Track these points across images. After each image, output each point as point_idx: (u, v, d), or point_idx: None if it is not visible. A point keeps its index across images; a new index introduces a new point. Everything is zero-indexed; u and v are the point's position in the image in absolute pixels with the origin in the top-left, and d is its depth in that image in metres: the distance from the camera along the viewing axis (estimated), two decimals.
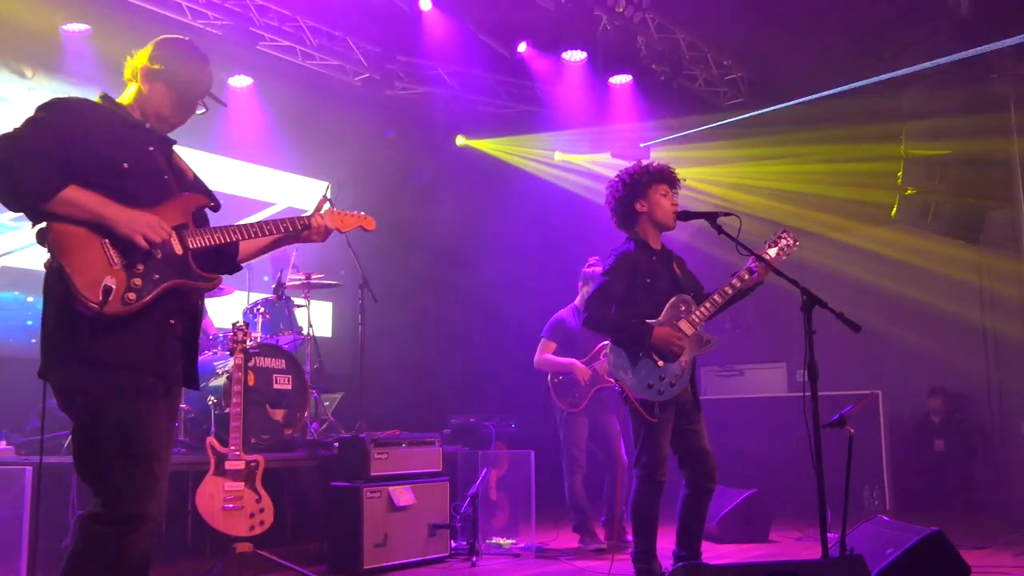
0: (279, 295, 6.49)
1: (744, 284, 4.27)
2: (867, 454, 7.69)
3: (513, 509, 6.36)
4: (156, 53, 3.00)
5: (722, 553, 5.74)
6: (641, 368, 4.19)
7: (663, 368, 4.17)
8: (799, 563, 3.04)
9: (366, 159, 9.62)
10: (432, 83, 9.56)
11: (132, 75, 3.00)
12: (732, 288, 4.27)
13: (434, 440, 5.88)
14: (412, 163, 9.87)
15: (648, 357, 4.17)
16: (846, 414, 3.67)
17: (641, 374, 4.18)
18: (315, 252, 8.38)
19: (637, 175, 4.42)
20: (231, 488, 4.68)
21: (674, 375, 4.19)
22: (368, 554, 5.19)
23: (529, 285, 8.88)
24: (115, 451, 2.60)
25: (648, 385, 4.16)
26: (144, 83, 2.96)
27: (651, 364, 4.18)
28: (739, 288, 4.27)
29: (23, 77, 7.37)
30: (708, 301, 4.29)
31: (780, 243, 4.36)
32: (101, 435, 2.60)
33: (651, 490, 4.18)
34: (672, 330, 4.20)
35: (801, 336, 3.55)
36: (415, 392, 8.93)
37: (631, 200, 4.41)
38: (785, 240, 4.37)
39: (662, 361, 4.17)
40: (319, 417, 6.74)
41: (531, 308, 7.41)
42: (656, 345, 4.15)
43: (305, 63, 8.78)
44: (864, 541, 4.20)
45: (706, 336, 4.30)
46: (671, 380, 4.18)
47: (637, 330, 4.19)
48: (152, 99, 2.97)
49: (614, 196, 4.46)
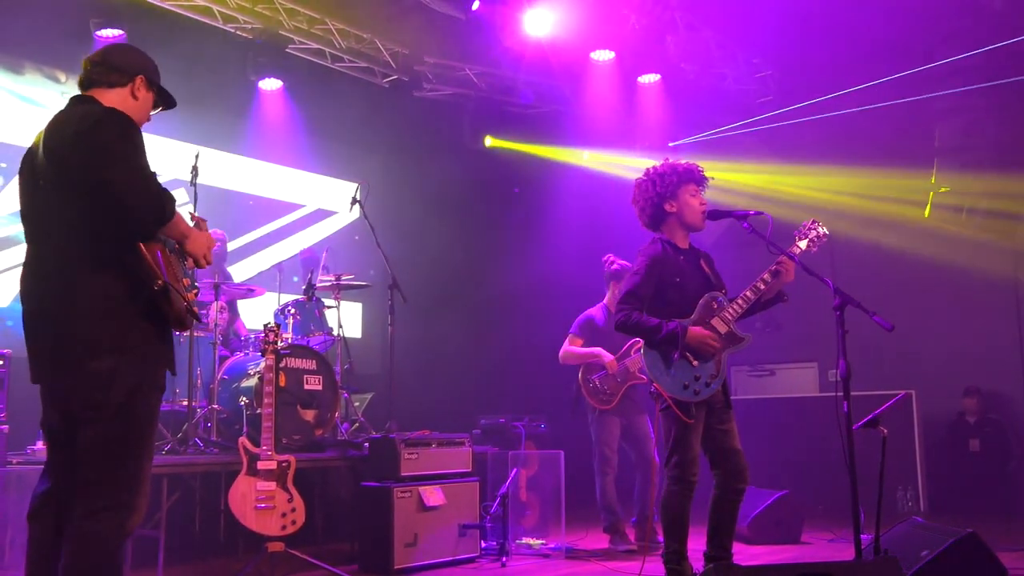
0: (309, 296, 6.53)
1: (775, 281, 4.22)
2: (901, 455, 7.62)
3: (543, 509, 6.35)
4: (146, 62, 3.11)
5: (753, 554, 5.70)
6: (676, 369, 4.15)
7: (698, 368, 4.14)
8: (833, 564, 3.01)
9: (395, 161, 9.66)
10: (460, 84, 9.59)
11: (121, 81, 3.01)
12: (764, 283, 4.21)
13: (464, 440, 5.89)
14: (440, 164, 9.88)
15: (683, 357, 4.15)
16: (879, 414, 3.63)
17: (676, 375, 4.15)
18: (345, 254, 8.46)
19: (667, 175, 4.37)
20: (263, 488, 4.71)
21: (709, 375, 4.16)
22: (399, 554, 5.21)
23: (558, 284, 8.87)
24: (143, 444, 2.75)
25: (684, 386, 4.13)
26: (142, 90, 3.05)
27: (686, 364, 4.14)
28: (769, 283, 4.22)
29: (56, 82, 7.48)
30: (740, 298, 4.24)
31: (810, 234, 4.30)
32: (131, 429, 2.72)
33: (682, 490, 4.15)
34: (706, 329, 4.17)
35: (833, 336, 3.52)
36: (445, 392, 8.95)
37: (660, 200, 4.37)
38: (815, 231, 4.31)
39: (697, 361, 4.14)
40: (349, 417, 6.77)
41: (561, 307, 7.40)
42: (691, 344, 4.12)
43: (334, 65, 8.84)
44: (898, 543, 4.16)
45: (740, 333, 4.26)
46: (707, 380, 4.15)
47: (671, 330, 4.16)
48: (145, 105, 3.09)
49: (643, 195, 4.42)
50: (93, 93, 2.95)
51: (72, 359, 2.71)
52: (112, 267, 2.76)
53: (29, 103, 7.27)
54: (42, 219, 2.84)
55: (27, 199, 2.91)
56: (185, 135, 7.84)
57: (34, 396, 2.90)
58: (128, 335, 2.74)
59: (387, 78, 9.23)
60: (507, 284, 9.76)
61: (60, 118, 2.86)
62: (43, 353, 2.79)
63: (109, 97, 2.94)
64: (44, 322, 2.79)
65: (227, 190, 8.48)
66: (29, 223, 2.90)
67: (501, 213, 9.96)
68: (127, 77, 3.00)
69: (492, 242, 9.96)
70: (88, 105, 2.88)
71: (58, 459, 2.84)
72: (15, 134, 7.15)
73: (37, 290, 2.82)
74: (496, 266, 9.87)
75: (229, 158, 8.53)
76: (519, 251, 9.79)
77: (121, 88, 2.99)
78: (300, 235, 9.07)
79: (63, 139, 2.78)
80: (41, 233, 2.85)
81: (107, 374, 2.69)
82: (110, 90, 2.96)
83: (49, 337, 2.77)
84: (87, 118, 2.79)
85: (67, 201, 2.78)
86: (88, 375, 2.69)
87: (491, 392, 9.10)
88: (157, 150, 7.78)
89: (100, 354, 2.70)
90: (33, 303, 2.83)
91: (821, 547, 6.15)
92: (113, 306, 2.74)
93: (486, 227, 9.92)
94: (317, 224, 9.31)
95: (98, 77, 2.96)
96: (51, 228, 2.81)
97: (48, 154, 2.79)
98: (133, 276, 2.76)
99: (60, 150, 2.77)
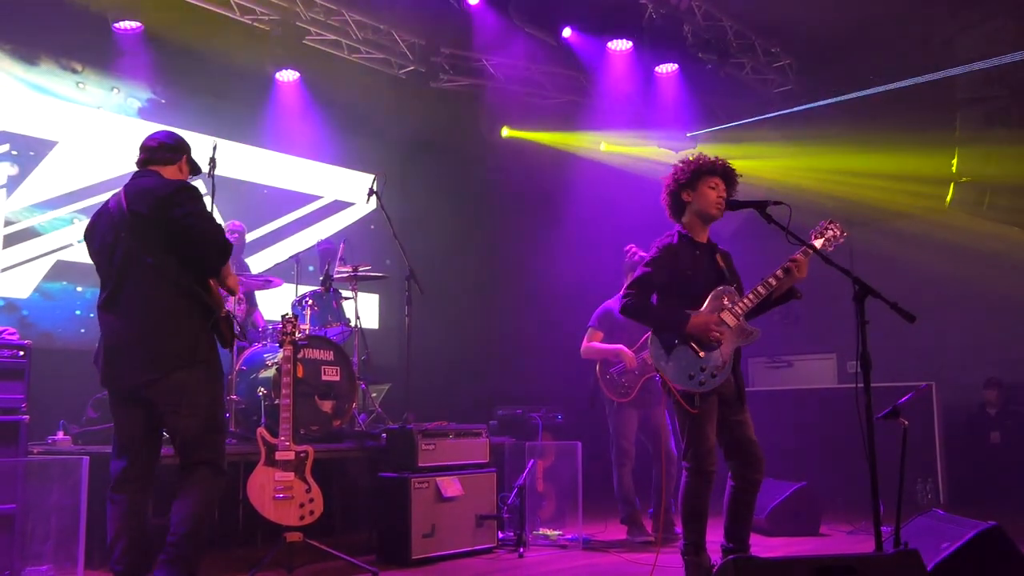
0: (327, 287, 6.54)
1: (787, 278, 4.19)
2: (920, 447, 7.55)
3: (560, 500, 6.35)
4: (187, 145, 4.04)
5: (772, 546, 5.67)
6: (680, 358, 4.16)
7: (704, 358, 4.13)
8: (853, 557, 2.98)
9: (412, 152, 9.65)
10: (477, 75, 9.56)
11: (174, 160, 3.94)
12: (776, 279, 4.20)
13: (481, 431, 5.89)
14: (457, 155, 9.88)
15: (686, 346, 4.14)
16: (900, 405, 3.60)
17: (681, 364, 4.16)
18: (361, 245, 8.47)
19: (691, 165, 4.39)
20: (281, 478, 4.73)
21: (715, 366, 4.15)
22: (416, 544, 5.22)
23: (576, 275, 8.84)
24: (222, 426, 3.83)
25: (689, 376, 4.13)
26: (185, 166, 3.98)
27: (691, 354, 4.14)
28: (782, 279, 4.20)
29: (74, 72, 7.52)
30: (751, 293, 4.24)
31: (826, 234, 4.27)
32: (214, 416, 3.71)
33: (700, 482, 4.14)
34: (710, 317, 4.17)
35: (851, 327, 3.48)
36: (462, 383, 8.96)
37: (679, 189, 4.39)
38: (832, 231, 4.27)
39: (703, 352, 4.14)
40: (367, 408, 6.79)
41: (578, 298, 7.38)
42: (693, 333, 4.12)
43: (350, 56, 8.83)
44: (918, 535, 4.12)
45: (749, 327, 4.25)
46: (712, 371, 4.14)
47: (673, 317, 4.16)
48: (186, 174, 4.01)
49: (666, 185, 4.46)
50: (155, 168, 3.87)
51: (161, 369, 3.57)
52: (193, 299, 3.65)
53: (45, 93, 7.31)
54: (125, 263, 3.66)
55: (106, 247, 3.74)
56: (203, 127, 7.86)
57: (52, 387, 3.00)
58: (199, 349, 3.63)
59: (404, 69, 9.21)
60: (524, 275, 9.75)
61: (139, 187, 3.75)
62: (134, 363, 3.60)
63: (168, 171, 3.87)
64: (136, 341, 3.61)
65: (245, 181, 8.51)
66: (109, 265, 3.72)
67: (518, 204, 9.94)
68: (178, 156, 3.94)
69: (509, 233, 9.94)
70: (157, 177, 3.81)
71: (137, 444, 3.68)
72: (31, 125, 7.19)
73: (127, 317, 3.64)
74: (513, 257, 9.86)
75: (247, 150, 8.55)
76: (536, 242, 9.77)
77: (172, 165, 3.91)
78: (317, 226, 9.08)
79: (151, 203, 3.66)
80: (126, 273, 3.66)
81: (189, 382, 3.59)
82: (166, 167, 3.89)
83: (139, 352, 3.60)
84: (168, 186, 3.73)
85: (150, 249, 3.63)
86: (173, 382, 3.57)
87: (508, 383, 9.09)
88: None
89: (181, 365, 3.59)
90: (123, 327, 3.64)
91: (840, 539, 6.12)
92: (191, 330, 3.64)
93: (503, 218, 9.91)
94: (334, 216, 9.32)
95: (158, 157, 3.90)
96: (135, 269, 3.64)
97: (134, 214, 3.66)
98: (204, 305, 3.67)
99: (148, 211, 3.65)
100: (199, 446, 3.65)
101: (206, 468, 3.67)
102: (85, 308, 7.26)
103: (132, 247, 3.65)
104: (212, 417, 3.70)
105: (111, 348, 3.69)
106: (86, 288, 7.27)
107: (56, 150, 7.29)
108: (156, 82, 7.97)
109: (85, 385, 6.20)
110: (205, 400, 3.65)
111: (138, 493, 3.66)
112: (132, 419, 3.70)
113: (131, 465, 3.67)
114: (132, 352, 3.63)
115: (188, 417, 3.60)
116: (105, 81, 7.68)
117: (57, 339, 7.04)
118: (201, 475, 3.65)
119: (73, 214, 7.30)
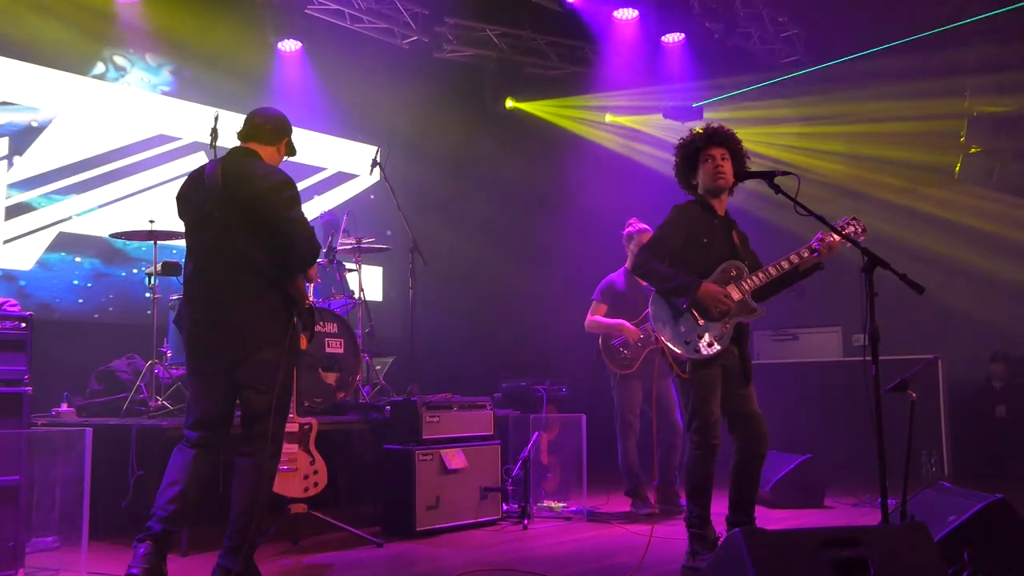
0: (330, 259, 6.50)
1: (802, 262, 4.17)
2: (926, 420, 7.53)
3: (564, 473, 6.35)
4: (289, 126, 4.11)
5: (776, 518, 5.67)
6: (681, 323, 4.16)
7: (703, 327, 4.13)
8: (860, 529, 2.97)
9: (415, 123, 9.59)
10: (481, 45, 9.47)
11: (275, 141, 4.01)
12: (789, 263, 4.18)
13: (485, 403, 5.88)
14: (461, 126, 9.80)
15: (690, 312, 4.12)
16: (908, 378, 3.57)
17: (680, 329, 4.16)
18: (367, 216, 8.42)
19: (683, 150, 4.39)
20: (286, 450, 4.71)
21: (713, 336, 4.13)
22: (420, 516, 5.23)
23: (579, 247, 8.80)
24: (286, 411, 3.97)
25: (686, 341, 4.13)
26: (283, 149, 4.06)
27: (692, 320, 4.13)
28: (796, 264, 4.17)
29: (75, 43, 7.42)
30: (762, 271, 4.22)
31: (847, 229, 4.20)
32: (284, 399, 3.86)
33: (705, 454, 4.13)
34: (720, 289, 4.14)
35: (857, 300, 3.45)
36: (466, 356, 8.94)
37: (685, 176, 4.39)
38: (853, 227, 4.21)
39: (703, 320, 4.12)
40: (371, 381, 6.78)
41: (582, 271, 7.35)
42: (701, 300, 4.10)
43: (353, 26, 8.75)
44: (924, 507, 4.10)
45: (753, 304, 4.22)
46: (709, 340, 4.12)
47: (684, 281, 4.13)
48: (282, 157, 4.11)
49: (673, 166, 4.45)
50: (255, 146, 3.94)
51: (248, 349, 3.71)
52: (278, 288, 3.77)
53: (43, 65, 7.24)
54: (216, 242, 3.76)
55: (196, 219, 3.85)
56: (204, 97, 7.81)
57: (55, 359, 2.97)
58: (284, 335, 3.75)
59: (407, 39, 9.13)
60: (528, 247, 9.71)
61: (240, 168, 3.82)
62: (223, 342, 3.73)
63: (267, 151, 3.95)
64: (224, 321, 3.73)
65: None
66: (197, 236, 3.85)
67: (521, 176, 9.88)
68: (280, 138, 4.01)
69: (512, 205, 9.89)
70: (258, 161, 3.89)
71: (217, 412, 3.79)
72: (30, 96, 7.14)
73: (215, 295, 3.75)
74: (516, 229, 9.81)
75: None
76: (539, 214, 9.72)
77: (272, 147, 3.98)
78: (321, 198, 9.03)
79: (251, 191, 3.74)
80: (216, 250, 3.77)
81: (272, 361, 3.70)
82: (267, 147, 3.96)
83: (228, 333, 3.72)
84: (269, 178, 3.79)
85: (242, 234, 3.73)
86: (258, 361, 3.70)
87: (512, 355, 9.08)
88: (177, 113, 7.80)
89: (267, 345, 3.71)
90: (211, 305, 3.76)
91: (844, 511, 6.12)
92: (278, 315, 3.76)
93: (506, 190, 9.84)
94: (338, 187, 9.27)
95: (262, 135, 3.96)
96: (225, 249, 3.74)
97: (231, 195, 3.74)
98: (289, 296, 3.80)
99: (247, 198, 3.74)
100: (264, 420, 3.74)
101: (262, 444, 3.75)
102: (83, 278, 7.24)
103: (224, 228, 3.76)
104: (281, 397, 3.81)
105: (198, 323, 3.81)
106: (84, 259, 7.25)
107: (55, 123, 7.23)
108: (158, 52, 7.90)
109: (87, 356, 6.21)
110: (280, 380, 3.75)
111: (208, 454, 3.78)
112: (212, 392, 3.80)
113: (208, 434, 3.78)
114: (221, 331, 3.75)
115: (263, 393, 3.72)
116: (105, 52, 7.61)
117: (55, 310, 7.02)
118: (261, 454, 3.76)
119: (73, 186, 7.25)
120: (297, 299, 3.85)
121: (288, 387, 3.89)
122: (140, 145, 7.65)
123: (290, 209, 3.78)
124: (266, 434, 3.73)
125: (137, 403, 5.64)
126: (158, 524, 3.61)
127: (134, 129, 7.64)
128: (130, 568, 3.53)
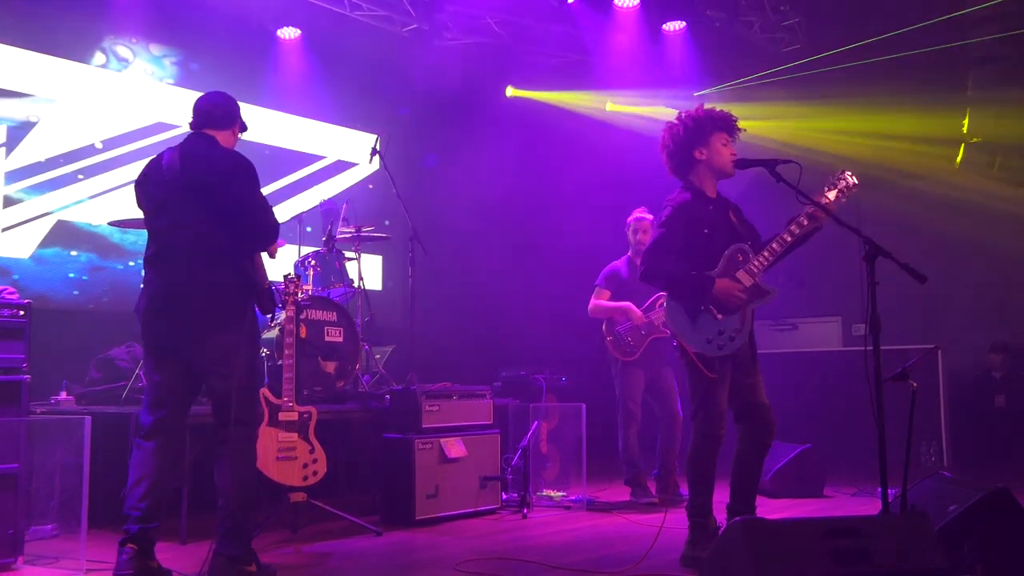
0: (330, 248, 6.49)
1: (803, 230, 4.12)
2: (925, 410, 7.54)
3: (564, 462, 6.36)
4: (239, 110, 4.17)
5: (776, 508, 5.67)
6: (700, 322, 4.08)
7: (722, 321, 4.07)
8: (860, 519, 2.96)
9: (415, 111, 9.55)
10: (481, 33, 9.42)
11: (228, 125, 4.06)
12: (791, 235, 4.11)
13: (485, 392, 5.88)
14: (461, 113, 9.76)
15: (707, 311, 4.07)
16: (909, 367, 3.56)
17: (700, 328, 4.08)
18: (365, 205, 8.40)
19: (700, 120, 4.23)
20: (285, 439, 4.72)
21: (734, 328, 4.08)
22: (420, 505, 5.23)
23: (581, 236, 8.78)
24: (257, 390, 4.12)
25: (707, 340, 4.06)
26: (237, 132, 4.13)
27: (710, 318, 4.07)
28: (797, 235, 4.12)
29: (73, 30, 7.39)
30: (766, 250, 4.14)
31: (839, 184, 4.15)
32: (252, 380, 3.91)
33: (709, 444, 4.10)
34: (733, 282, 4.09)
35: (856, 290, 3.45)
36: (466, 345, 8.94)
37: (690, 146, 4.23)
38: (844, 181, 4.16)
39: (721, 315, 4.07)
40: (370, 369, 6.77)
41: (583, 260, 7.33)
42: (717, 297, 4.04)
43: (353, 14, 8.70)
44: (924, 497, 4.10)
45: (765, 286, 4.17)
46: (731, 334, 4.08)
47: (698, 283, 4.07)
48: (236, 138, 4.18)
49: (673, 140, 4.27)
50: (210, 132, 3.95)
51: (204, 331, 3.70)
52: (238, 270, 3.78)
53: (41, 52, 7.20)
54: (174, 225, 3.77)
55: (155, 205, 3.87)
56: (203, 85, 7.73)
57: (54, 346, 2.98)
58: (241, 316, 3.75)
59: (407, 27, 9.08)
60: (528, 236, 9.69)
61: (197, 152, 3.86)
62: (176, 325, 3.73)
63: (223, 136, 3.98)
64: (180, 303, 3.72)
65: (246, 141, 8.28)
66: (155, 221, 3.87)
67: (522, 164, 9.85)
68: (232, 121, 4.07)
69: (513, 194, 9.86)
70: (214, 144, 3.91)
71: (175, 399, 3.79)
72: (28, 83, 7.10)
73: (172, 278, 3.76)
74: (517, 218, 9.79)
75: (248, 109, 8.28)
76: (541, 203, 9.70)
77: (227, 130, 4.02)
78: (320, 187, 9.01)
79: (209, 173, 3.79)
80: (175, 234, 3.77)
81: (231, 345, 3.71)
82: (221, 131, 3.99)
83: (182, 315, 3.71)
84: (226, 159, 3.86)
85: (200, 216, 3.75)
86: (217, 346, 3.70)
87: (512, 345, 9.07)
88: (175, 100, 7.77)
89: (224, 329, 3.71)
90: (167, 287, 3.76)
91: (844, 501, 6.12)
92: (236, 298, 3.77)
93: (507, 178, 9.81)
94: (337, 176, 9.24)
95: (214, 121, 3.98)
96: (183, 232, 3.75)
97: (188, 179, 3.77)
98: (250, 278, 3.81)
99: (204, 181, 3.77)
100: (234, 406, 3.75)
101: (240, 429, 3.78)
102: (79, 271, 7.21)
103: (182, 211, 3.77)
104: (248, 377, 3.84)
105: (153, 309, 3.80)
106: (80, 252, 7.22)
107: (53, 109, 7.20)
108: (156, 39, 7.86)
109: (85, 346, 6.20)
110: (243, 363, 3.77)
111: (168, 442, 3.77)
112: (171, 376, 3.80)
113: (165, 418, 3.77)
114: (176, 313, 3.74)
115: (227, 378, 3.73)
116: (104, 39, 7.57)
117: (51, 301, 6.99)
118: (236, 439, 3.77)
119: (73, 174, 7.23)
120: (257, 280, 3.87)
121: (252, 368, 3.89)
122: (138, 133, 7.62)
123: (250, 188, 3.85)
124: (238, 420, 3.76)
125: (136, 391, 5.63)
126: (135, 525, 3.64)
127: (132, 117, 7.61)
128: (115, 573, 3.59)
